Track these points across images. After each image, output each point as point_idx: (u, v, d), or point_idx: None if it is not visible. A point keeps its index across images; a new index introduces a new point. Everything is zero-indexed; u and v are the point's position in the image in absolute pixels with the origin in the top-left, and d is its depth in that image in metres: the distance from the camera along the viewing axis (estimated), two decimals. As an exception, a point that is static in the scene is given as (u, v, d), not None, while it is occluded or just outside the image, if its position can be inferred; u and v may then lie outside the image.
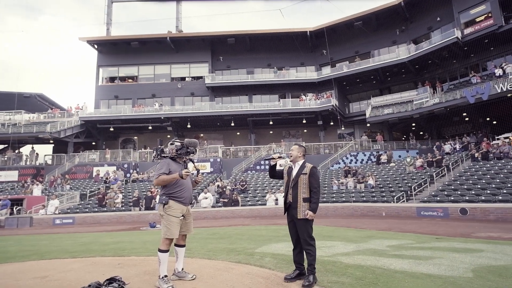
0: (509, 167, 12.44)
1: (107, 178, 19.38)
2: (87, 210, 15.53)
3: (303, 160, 3.77)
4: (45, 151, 26.95)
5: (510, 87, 17.03)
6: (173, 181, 3.50)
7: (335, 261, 4.29)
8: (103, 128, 26.22)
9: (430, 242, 5.64)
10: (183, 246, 3.73)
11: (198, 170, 3.92)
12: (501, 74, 18.79)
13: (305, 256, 3.55)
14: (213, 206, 14.77)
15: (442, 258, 4.32)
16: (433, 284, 3.25)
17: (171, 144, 3.79)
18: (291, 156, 3.79)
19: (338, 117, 24.22)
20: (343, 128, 26.65)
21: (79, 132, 25.49)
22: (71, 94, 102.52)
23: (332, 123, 26.01)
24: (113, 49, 28.53)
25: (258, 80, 26.53)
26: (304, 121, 25.41)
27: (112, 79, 29.13)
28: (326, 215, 12.73)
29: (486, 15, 19.96)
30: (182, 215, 3.60)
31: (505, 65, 19.25)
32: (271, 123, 25.83)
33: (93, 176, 21.18)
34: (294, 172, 3.69)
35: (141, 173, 21.34)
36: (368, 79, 26.44)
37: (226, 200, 14.91)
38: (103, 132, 26.84)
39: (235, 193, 15.39)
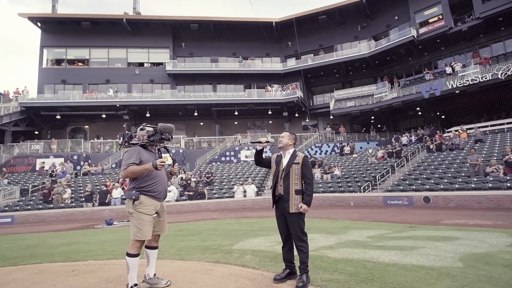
0: (460, 157, 13.47)
1: (53, 171, 17.31)
2: (29, 207, 13.68)
3: (293, 148, 3.38)
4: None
5: (459, 84, 18.47)
6: (145, 172, 2.92)
7: (321, 256, 4.01)
8: (48, 116, 23.47)
9: (406, 231, 5.67)
10: (156, 248, 3.16)
11: (174, 160, 3.34)
12: (451, 72, 20.31)
13: (295, 253, 3.20)
14: (177, 200, 13.94)
15: (425, 247, 4.26)
16: (429, 277, 3.10)
17: (142, 129, 3.15)
18: (281, 143, 3.37)
19: (303, 109, 24.45)
20: (307, 120, 27.02)
21: (19, 120, 22.49)
22: (8, 77, 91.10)
23: (297, 115, 26.22)
24: (60, 29, 25.50)
25: (223, 69, 25.69)
26: (269, 112, 25.27)
27: (58, 62, 26.12)
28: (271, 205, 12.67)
29: (438, 16, 21.32)
30: (156, 212, 3.02)
31: (454, 63, 20.86)
32: (236, 113, 25.27)
33: (37, 169, 18.82)
34: (285, 162, 3.28)
35: (93, 165, 19.50)
36: (332, 72, 27.03)
37: (191, 193, 14.16)
38: (48, 120, 24.04)
39: (200, 185, 14.69)
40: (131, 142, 3.14)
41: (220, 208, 13.34)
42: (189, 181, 15.07)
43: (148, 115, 24.21)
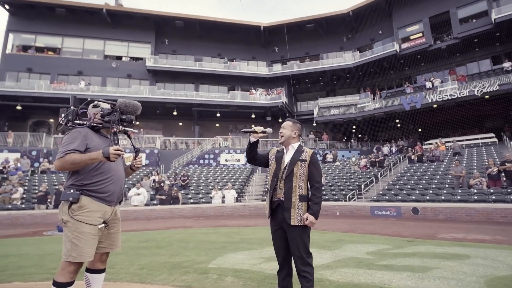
0: (442, 169, 13.40)
1: (4, 167, 15.34)
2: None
3: (299, 142, 2.61)
4: None
5: (439, 99, 18.87)
6: (91, 164, 2.04)
7: (321, 279, 3.23)
8: (7, 106, 21.24)
9: (407, 246, 5.05)
10: (102, 271, 2.23)
11: (137, 150, 2.45)
12: (430, 87, 20.70)
13: (295, 280, 2.41)
14: (146, 204, 12.69)
15: (439, 268, 3.63)
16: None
17: (94, 106, 2.27)
18: (282, 137, 2.59)
19: (287, 114, 23.98)
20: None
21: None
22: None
23: (280, 120, 25.63)
24: (31, 13, 23.47)
25: (207, 69, 24.72)
26: (253, 116, 24.55)
27: (25, 48, 24.00)
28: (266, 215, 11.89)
29: (419, 34, 21.86)
30: (104, 222, 2.12)
31: (433, 79, 21.35)
32: (218, 115, 24.30)
33: (-14, 164, 16.70)
34: (288, 158, 2.50)
35: (54, 162, 17.64)
36: (317, 80, 26.89)
37: (163, 197, 12.96)
38: (7, 111, 21.77)
39: (175, 189, 13.53)
40: (76, 121, 2.21)
41: (196, 214, 12.28)
42: (162, 184, 13.88)
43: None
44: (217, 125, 26.11)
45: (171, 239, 6.15)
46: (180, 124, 25.72)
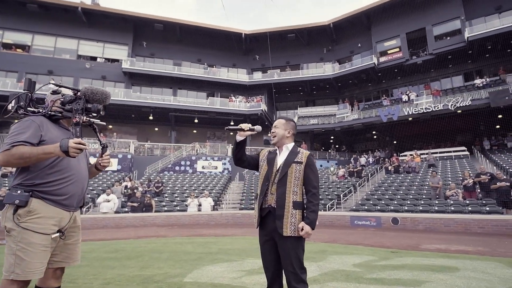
0: (418, 180, 13.69)
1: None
2: None
3: (293, 142, 2.33)
4: None
5: (415, 111, 19.54)
6: (45, 159, 1.65)
7: (310, 295, 2.92)
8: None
9: (392, 257, 4.87)
10: (56, 290, 1.82)
11: (104, 146, 2.07)
12: (407, 100, 21.49)
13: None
14: (117, 212, 11.86)
15: (430, 281, 3.44)
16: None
17: (54, 92, 1.86)
18: (274, 137, 2.31)
19: (266, 123, 23.86)
20: (269, 135, 26.41)
21: None
22: None
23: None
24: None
25: (186, 74, 24.19)
26: (232, 123, 24.16)
27: (-10, 44, 22.38)
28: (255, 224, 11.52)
29: (396, 48, 22.73)
30: (59, 230, 1.72)
31: (409, 92, 22.20)
32: (196, 121, 23.73)
33: None
34: (281, 160, 2.20)
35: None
36: (296, 89, 27.14)
37: (135, 204, 12.19)
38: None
39: (148, 196, 12.80)
40: (29, 109, 1.80)
41: (170, 223, 11.62)
42: (135, 191, 13.09)
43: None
44: (195, 131, 25.49)
45: (143, 249, 5.61)
46: (156, 129, 24.84)
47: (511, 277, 3.63)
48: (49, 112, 1.80)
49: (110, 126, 23.36)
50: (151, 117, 22.85)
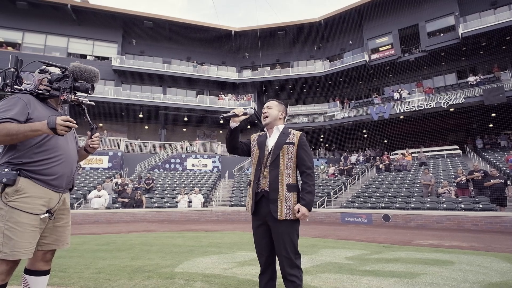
0: (409, 178, 13.82)
1: None
2: None
3: (283, 124, 2.30)
4: None
5: (406, 109, 19.53)
6: (32, 137, 1.61)
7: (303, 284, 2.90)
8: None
9: (385, 252, 4.89)
10: (46, 273, 1.78)
11: (93, 127, 2.01)
12: (398, 98, 21.57)
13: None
14: (108, 207, 11.67)
15: (426, 274, 3.44)
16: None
17: (41, 71, 1.82)
18: (266, 117, 2.27)
19: (256, 121, 23.80)
20: (259, 133, 26.39)
21: None
22: None
23: (249, 127, 25.44)
24: (-12, 5, 21.33)
25: (176, 71, 23.94)
26: (221, 122, 24.09)
27: (-20, 42, 21.66)
28: (246, 220, 11.50)
29: (388, 45, 22.67)
30: (48, 211, 1.67)
31: (401, 90, 22.28)
32: (185, 119, 23.55)
33: None
34: (272, 142, 2.16)
35: None
36: (286, 87, 27.15)
37: (126, 200, 12.03)
38: None
39: (138, 192, 12.64)
40: (16, 87, 1.73)
41: (160, 219, 11.48)
42: (125, 187, 12.89)
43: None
44: (184, 129, 25.29)
45: (133, 242, 5.54)
46: (146, 127, 24.55)
47: (508, 270, 3.62)
48: (37, 91, 1.75)
49: (101, 124, 22.94)
50: (141, 115, 22.58)
